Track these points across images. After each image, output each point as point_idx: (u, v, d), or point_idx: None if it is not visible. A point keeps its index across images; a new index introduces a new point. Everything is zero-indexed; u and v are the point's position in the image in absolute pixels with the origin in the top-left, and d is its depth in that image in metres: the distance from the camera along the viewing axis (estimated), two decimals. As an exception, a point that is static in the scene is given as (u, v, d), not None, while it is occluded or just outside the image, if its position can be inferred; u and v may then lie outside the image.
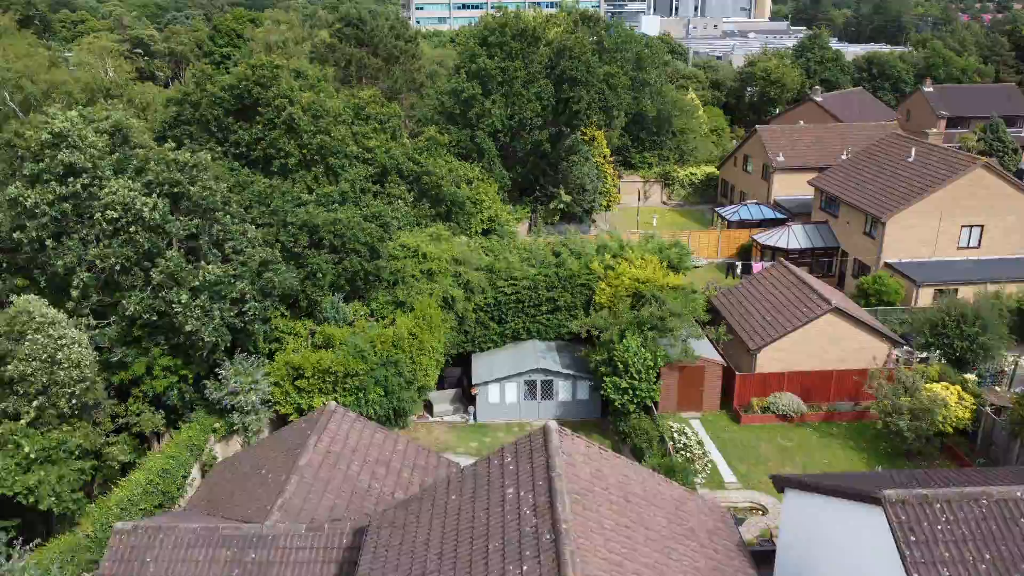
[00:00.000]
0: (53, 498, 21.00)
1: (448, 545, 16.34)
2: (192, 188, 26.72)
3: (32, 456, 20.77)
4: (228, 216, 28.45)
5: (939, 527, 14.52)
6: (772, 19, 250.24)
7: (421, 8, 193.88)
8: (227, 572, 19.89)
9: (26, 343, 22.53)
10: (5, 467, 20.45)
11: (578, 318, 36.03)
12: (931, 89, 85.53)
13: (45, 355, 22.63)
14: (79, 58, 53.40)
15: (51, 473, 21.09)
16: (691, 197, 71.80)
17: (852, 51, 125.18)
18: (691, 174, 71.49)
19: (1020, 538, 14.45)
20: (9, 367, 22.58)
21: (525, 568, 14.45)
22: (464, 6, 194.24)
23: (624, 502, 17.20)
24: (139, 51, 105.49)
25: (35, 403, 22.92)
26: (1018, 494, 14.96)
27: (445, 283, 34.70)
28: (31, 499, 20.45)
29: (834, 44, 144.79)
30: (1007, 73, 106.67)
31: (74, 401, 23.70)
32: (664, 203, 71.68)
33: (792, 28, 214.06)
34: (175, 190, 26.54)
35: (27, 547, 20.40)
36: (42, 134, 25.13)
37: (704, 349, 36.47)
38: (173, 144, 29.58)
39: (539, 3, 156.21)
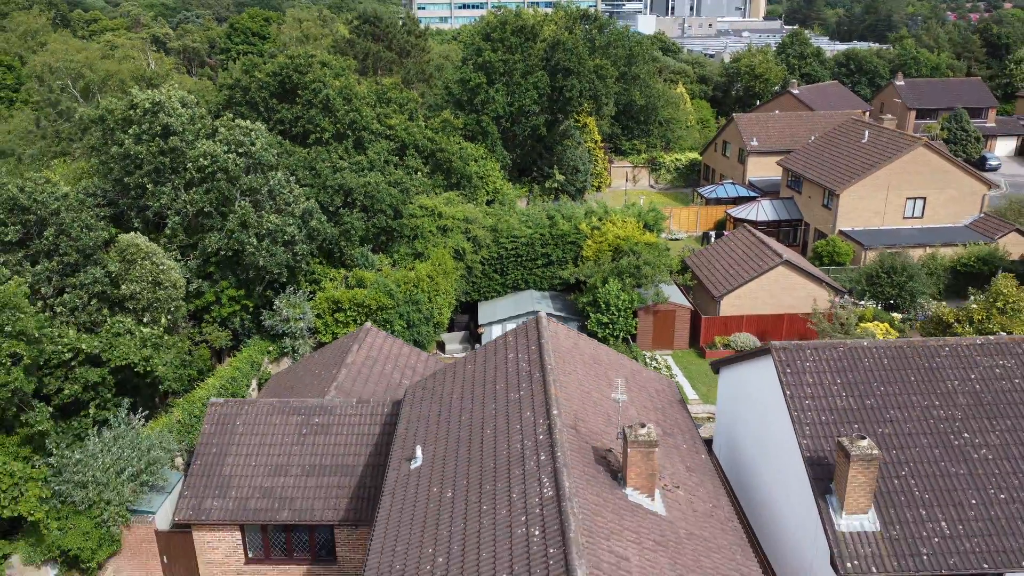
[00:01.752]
0: (163, 370, 27.32)
1: (466, 390, 22.80)
2: (254, 148, 33.24)
3: (146, 339, 27.02)
4: (279, 174, 34.93)
5: (807, 363, 20.98)
6: (766, 18, 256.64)
7: (423, 8, 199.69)
8: (298, 431, 26.37)
9: (136, 268, 28.97)
10: (126, 347, 26.68)
11: (568, 269, 42.53)
12: (902, 83, 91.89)
13: (151, 278, 29.06)
14: (124, 52, 59.88)
15: (161, 354, 27.44)
16: (676, 181, 78.30)
17: (840, 48, 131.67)
18: (676, 160, 78.02)
19: (863, 370, 20.89)
20: (122, 287, 29.00)
21: (521, 393, 20.90)
22: (465, 6, 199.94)
23: (594, 363, 23.70)
24: (154, 48, 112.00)
25: (142, 317, 29.33)
26: (864, 343, 21.44)
27: (457, 238, 41.19)
28: (147, 369, 26.67)
29: (825, 42, 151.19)
30: (979, 69, 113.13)
31: (170, 316, 30.16)
32: (651, 186, 78.14)
33: (786, 27, 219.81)
34: (240, 150, 33.05)
35: (140, 418, 26.76)
36: (144, 103, 31.60)
37: (676, 297, 42.93)
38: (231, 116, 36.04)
39: (538, 2, 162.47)
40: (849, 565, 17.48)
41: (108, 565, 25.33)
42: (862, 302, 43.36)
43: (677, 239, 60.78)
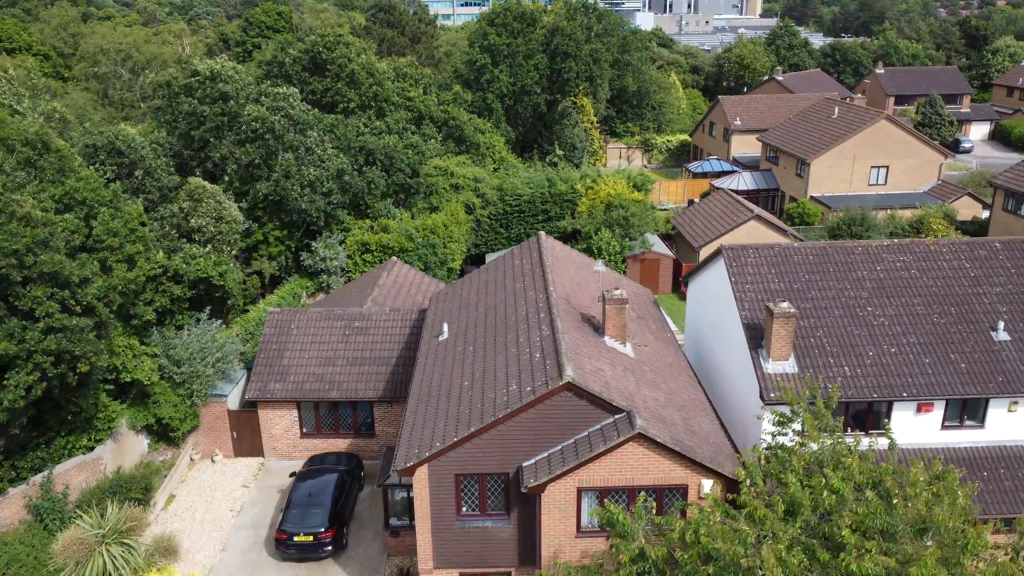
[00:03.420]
0: (233, 286, 33.05)
1: (481, 288, 28.58)
2: (293, 111, 39.06)
3: (218, 261, 32.76)
4: (315, 133, 40.75)
5: (749, 259, 26.74)
6: (763, 16, 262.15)
7: (427, 5, 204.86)
8: (342, 332, 32.14)
9: (202, 205, 34.77)
10: (205, 262, 32.34)
11: (565, 220, 48.36)
12: (882, 71, 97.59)
13: (215, 214, 34.85)
14: (163, 38, 65.70)
15: (231, 272, 33.19)
16: (668, 161, 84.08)
17: (828, 41, 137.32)
18: (667, 141, 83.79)
19: (792, 264, 26.63)
20: (191, 221, 34.81)
21: (526, 282, 26.67)
22: (467, 3, 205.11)
23: (584, 268, 29.50)
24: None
25: (207, 248, 35.12)
26: (795, 245, 27.19)
27: (467, 194, 46.99)
28: (220, 284, 32.37)
29: (819, 38, 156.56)
30: (958, 59, 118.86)
31: (229, 247, 35.95)
32: (644, 166, 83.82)
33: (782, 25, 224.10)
34: (281, 113, 38.86)
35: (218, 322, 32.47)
36: (205, 72, 37.46)
37: (660, 248, 48.70)
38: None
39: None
40: (772, 395, 23.22)
41: (188, 439, 31.11)
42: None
43: (665, 209, 66.42)
